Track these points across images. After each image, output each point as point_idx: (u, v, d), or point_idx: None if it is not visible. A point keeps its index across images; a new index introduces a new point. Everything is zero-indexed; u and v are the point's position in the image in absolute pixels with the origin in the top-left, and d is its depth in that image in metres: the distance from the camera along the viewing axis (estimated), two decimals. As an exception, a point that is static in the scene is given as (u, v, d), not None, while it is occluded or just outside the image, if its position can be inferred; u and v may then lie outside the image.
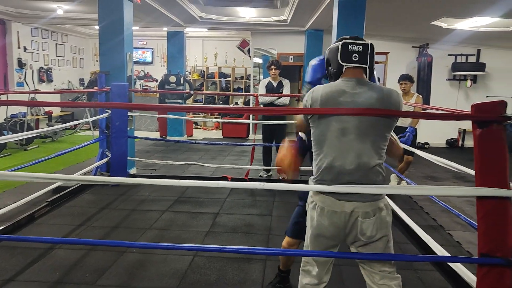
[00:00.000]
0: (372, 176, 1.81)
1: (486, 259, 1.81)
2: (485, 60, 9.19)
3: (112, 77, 5.41)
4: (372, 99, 1.79)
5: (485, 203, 1.81)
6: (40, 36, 10.40)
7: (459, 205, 4.81)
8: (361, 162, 1.78)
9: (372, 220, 1.81)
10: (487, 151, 1.79)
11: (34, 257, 3.14)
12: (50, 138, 8.70)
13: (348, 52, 1.85)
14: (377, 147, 1.81)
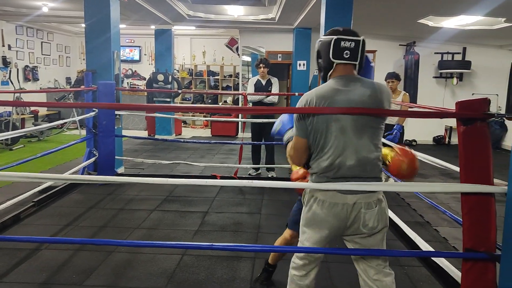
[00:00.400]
0: (371, 168, 1.85)
1: (470, 253, 1.84)
2: (470, 58, 9.32)
3: (99, 75, 5.36)
4: (365, 96, 1.81)
5: (469, 199, 1.84)
6: (25, 34, 10.25)
7: (446, 202, 4.88)
8: (360, 157, 1.81)
9: (374, 210, 1.85)
10: (471, 148, 1.82)
11: (20, 258, 3.10)
12: (36, 137, 8.59)
13: (340, 49, 1.84)
14: (374, 140, 1.85)
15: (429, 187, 2.35)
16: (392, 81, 5.34)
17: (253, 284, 2.79)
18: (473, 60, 9.27)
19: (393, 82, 5.34)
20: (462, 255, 1.89)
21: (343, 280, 2.93)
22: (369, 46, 8.70)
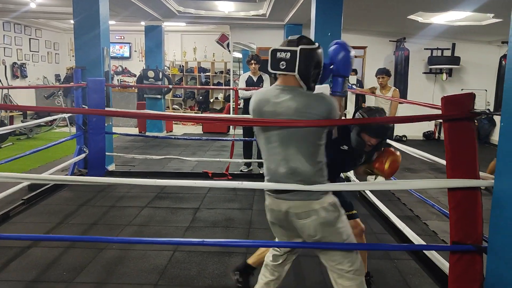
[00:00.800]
0: (305, 180, 1.81)
1: (458, 246, 1.87)
2: (460, 54, 9.40)
3: (88, 72, 5.31)
4: (290, 109, 1.77)
5: (456, 193, 1.87)
6: (12, 30, 10.12)
7: (435, 196, 4.93)
8: (291, 166, 1.81)
9: (306, 221, 1.82)
10: (457, 144, 1.84)
11: (10, 257, 3.08)
12: (25, 135, 8.49)
13: (276, 60, 1.82)
14: (305, 152, 1.79)
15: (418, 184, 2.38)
16: (382, 77, 5.37)
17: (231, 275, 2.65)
18: (462, 56, 9.36)
19: (383, 78, 5.37)
20: (450, 247, 1.92)
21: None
22: (360, 42, 8.76)
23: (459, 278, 1.87)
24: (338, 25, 5.47)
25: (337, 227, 1.85)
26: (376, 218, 4.12)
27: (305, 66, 1.77)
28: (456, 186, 1.84)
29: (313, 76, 1.82)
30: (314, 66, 1.81)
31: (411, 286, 2.81)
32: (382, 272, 2.99)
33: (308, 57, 1.78)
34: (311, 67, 1.80)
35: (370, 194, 4.38)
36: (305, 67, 1.77)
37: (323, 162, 1.86)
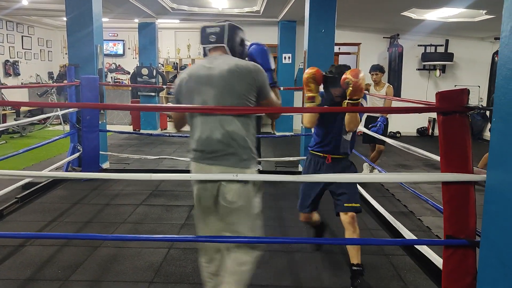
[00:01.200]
0: (237, 143, 1.92)
1: (451, 240, 1.88)
2: (453, 50, 9.46)
3: (82, 70, 5.28)
4: (223, 70, 1.91)
5: (449, 188, 1.88)
6: (4, 28, 10.02)
7: (429, 192, 4.97)
8: (227, 130, 1.90)
9: (234, 186, 1.91)
10: (451, 138, 1.85)
11: (4, 255, 3.06)
12: (18, 133, 8.44)
13: (206, 35, 2.02)
14: (240, 116, 1.92)
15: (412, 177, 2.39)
16: (376, 74, 5.39)
17: None
18: (455, 52, 9.41)
19: (377, 75, 5.38)
20: (443, 242, 1.93)
21: (328, 269, 2.97)
22: (354, 38, 8.78)
23: (452, 272, 1.89)
24: (331, 22, 5.48)
25: (255, 200, 2.00)
26: (371, 214, 4.15)
27: (232, 39, 2.00)
28: (450, 180, 1.86)
29: (239, 51, 2.04)
30: (239, 42, 2.05)
31: (405, 281, 2.83)
32: (376, 268, 3.02)
33: (234, 31, 2.02)
34: (236, 40, 2.03)
35: (363, 190, 4.39)
36: (232, 39, 2.00)
37: (254, 129, 2.01)
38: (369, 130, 4.62)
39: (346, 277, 2.86)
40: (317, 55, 5.51)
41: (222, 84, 1.91)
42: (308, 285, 2.76)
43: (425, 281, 2.83)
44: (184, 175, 2.05)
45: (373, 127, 5.00)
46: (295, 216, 4.11)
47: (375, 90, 5.40)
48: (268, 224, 3.90)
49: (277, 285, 2.75)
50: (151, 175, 2.07)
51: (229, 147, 1.91)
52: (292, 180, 2.05)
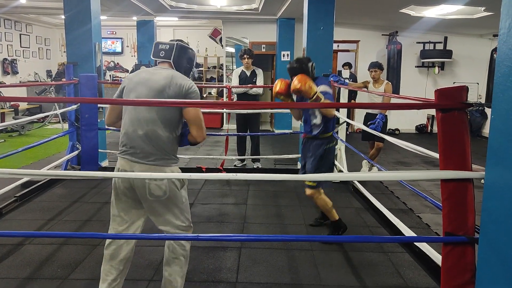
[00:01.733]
0: (160, 143, 2.13)
1: (450, 237, 1.88)
2: (452, 47, 9.45)
3: (80, 68, 5.27)
4: (161, 75, 2.18)
5: (448, 185, 1.88)
6: (2, 26, 10.00)
7: (428, 189, 4.98)
8: (150, 129, 2.11)
9: (158, 182, 2.12)
10: (450, 135, 1.85)
11: (3, 254, 3.06)
12: (17, 132, 8.42)
13: (158, 50, 2.30)
14: (164, 118, 2.13)
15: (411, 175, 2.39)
16: (375, 71, 5.38)
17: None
18: (454, 49, 9.41)
19: (376, 72, 5.38)
20: (442, 239, 1.93)
21: (327, 266, 2.98)
22: (353, 36, 8.77)
23: (452, 269, 1.89)
24: (330, 19, 5.48)
25: (181, 194, 2.24)
26: (370, 211, 4.15)
27: (179, 57, 2.29)
28: (449, 177, 1.86)
29: (184, 68, 2.32)
30: (187, 61, 2.33)
31: (404, 278, 2.84)
32: (375, 265, 3.02)
33: (182, 51, 2.30)
34: (183, 59, 2.31)
35: (362, 187, 4.40)
36: (178, 58, 2.28)
37: (176, 133, 2.21)
38: (367, 127, 4.62)
39: (345, 275, 2.87)
40: (316, 52, 5.50)
41: (155, 87, 2.14)
42: (307, 282, 2.77)
43: (425, 278, 2.84)
44: (184, 174, 2.05)
45: (371, 124, 5.00)
46: (294, 213, 4.12)
47: (374, 88, 5.40)
48: (267, 222, 3.91)
49: (276, 282, 2.76)
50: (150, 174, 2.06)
51: (149, 146, 2.12)
52: (290, 179, 2.04)
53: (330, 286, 2.72)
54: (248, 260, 3.05)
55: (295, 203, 4.45)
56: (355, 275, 2.86)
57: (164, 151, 2.15)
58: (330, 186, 5.02)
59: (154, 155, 2.13)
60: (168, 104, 2.15)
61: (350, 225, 3.83)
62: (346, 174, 4.37)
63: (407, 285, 2.76)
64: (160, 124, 2.12)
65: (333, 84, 5.29)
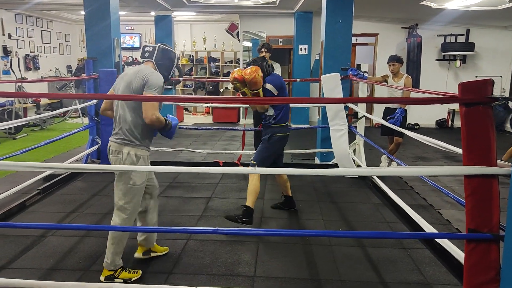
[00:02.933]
0: (131, 128, 2.60)
1: (474, 234, 1.84)
2: (474, 40, 9.22)
3: (99, 63, 5.34)
4: (131, 74, 2.64)
5: (472, 181, 1.84)
6: (24, 22, 10.19)
7: (449, 184, 4.89)
8: (124, 117, 2.60)
9: (114, 156, 2.64)
10: (474, 130, 1.81)
11: (27, 245, 3.14)
12: (39, 126, 8.61)
13: (144, 51, 2.76)
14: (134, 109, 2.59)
15: (433, 170, 2.33)
16: (393, 64, 5.29)
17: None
18: (477, 42, 9.17)
19: (395, 65, 5.29)
20: (466, 236, 1.89)
21: (346, 262, 2.96)
22: (371, 29, 8.63)
23: (475, 266, 1.86)
24: (349, 12, 5.40)
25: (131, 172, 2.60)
26: (389, 207, 4.11)
27: (160, 58, 2.72)
28: (473, 173, 1.81)
29: (165, 66, 2.75)
30: (167, 61, 2.76)
31: (425, 275, 2.80)
32: (395, 261, 2.99)
33: (163, 52, 2.74)
34: (164, 59, 2.74)
35: (380, 182, 4.35)
36: (160, 58, 2.72)
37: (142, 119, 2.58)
38: (387, 121, 4.55)
39: (365, 270, 2.84)
40: (334, 46, 5.45)
41: (126, 80, 2.63)
42: (325, 277, 2.76)
43: (446, 275, 2.79)
44: (203, 168, 2.06)
45: (390, 119, 4.93)
46: (311, 208, 4.11)
47: (393, 81, 5.31)
48: (284, 217, 3.90)
49: (294, 277, 2.76)
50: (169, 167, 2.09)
51: (125, 130, 2.60)
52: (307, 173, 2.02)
53: (349, 282, 2.70)
54: (265, 255, 3.05)
55: (312, 198, 4.43)
56: (374, 271, 2.84)
57: (134, 134, 2.61)
58: (349, 182, 4.98)
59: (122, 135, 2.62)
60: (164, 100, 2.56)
61: (369, 221, 3.80)
62: (365, 169, 4.33)
63: (428, 282, 2.72)
64: (132, 113, 2.60)
65: (352, 78, 5.24)
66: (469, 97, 1.77)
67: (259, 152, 3.64)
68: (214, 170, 2.10)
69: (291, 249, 3.15)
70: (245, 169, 2.05)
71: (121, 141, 2.60)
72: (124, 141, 2.60)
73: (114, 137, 2.64)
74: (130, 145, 2.61)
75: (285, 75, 10.43)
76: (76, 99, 9.09)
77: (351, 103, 5.28)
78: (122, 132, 2.60)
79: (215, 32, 11.83)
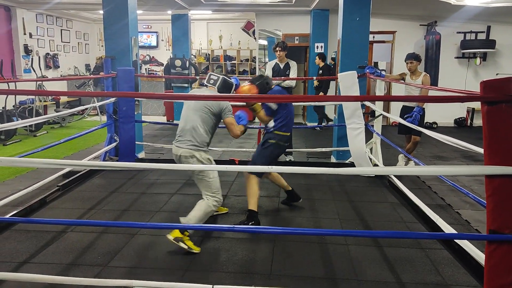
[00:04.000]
0: (196, 136, 3.20)
1: (495, 236, 1.81)
2: (495, 37, 9.02)
3: (117, 61, 5.40)
4: (205, 94, 3.35)
5: (493, 181, 1.81)
6: (45, 22, 10.38)
7: (468, 184, 4.80)
8: (191, 126, 3.21)
9: (188, 160, 3.16)
10: (496, 129, 1.77)
11: (48, 240, 3.21)
12: (58, 124, 8.77)
13: (209, 78, 3.43)
14: (202, 121, 3.24)
15: (453, 170, 2.29)
16: (411, 62, 5.21)
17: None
18: (498, 39, 8.97)
19: (412, 63, 5.21)
20: (486, 237, 1.86)
21: (363, 261, 2.94)
22: (389, 26, 8.52)
23: (496, 268, 1.82)
24: (366, 10, 5.35)
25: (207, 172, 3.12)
26: (406, 207, 4.06)
27: (221, 87, 3.38)
28: (494, 173, 1.78)
29: (222, 91, 3.38)
30: (227, 90, 3.40)
31: (443, 276, 2.76)
32: (412, 261, 2.95)
33: (223, 83, 3.39)
34: (223, 88, 3.39)
35: (398, 181, 4.30)
36: (221, 87, 3.38)
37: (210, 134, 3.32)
38: (404, 120, 4.50)
39: (381, 270, 2.82)
40: (351, 44, 5.40)
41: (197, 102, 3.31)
42: (342, 277, 2.75)
43: (465, 276, 2.75)
44: (219, 166, 2.07)
45: (408, 117, 4.87)
46: (327, 207, 4.09)
47: (411, 79, 5.23)
48: (300, 215, 3.90)
49: (310, 276, 2.75)
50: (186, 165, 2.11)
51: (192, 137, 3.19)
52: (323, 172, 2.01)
53: (365, 281, 2.68)
54: (281, 253, 3.05)
55: (328, 197, 4.41)
56: (391, 271, 2.81)
57: (199, 140, 3.20)
58: (365, 181, 4.95)
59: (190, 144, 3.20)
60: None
61: (386, 220, 3.76)
62: (382, 168, 4.29)
63: (446, 283, 2.68)
64: (201, 123, 3.23)
65: (369, 76, 5.19)
66: (491, 95, 1.74)
67: (253, 157, 3.79)
68: (230, 168, 2.11)
69: (307, 248, 3.14)
70: (260, 167, 2.05)
71: (193, 147, 3.18)
72: (196, 147, 3.18)
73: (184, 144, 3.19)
74: (201, 150, 3.20)
75: (301, 73, 10.39)
76: (94, 97, 9.23)
77: (368, 102, 5.23)
78: (194, 139, 3.19)
79: (231, 30, 11.85)
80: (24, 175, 5.04)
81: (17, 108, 7.82)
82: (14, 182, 4.75)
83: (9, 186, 4.60)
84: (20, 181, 4.75)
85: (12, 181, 4.81)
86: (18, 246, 3.12)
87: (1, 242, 3.18)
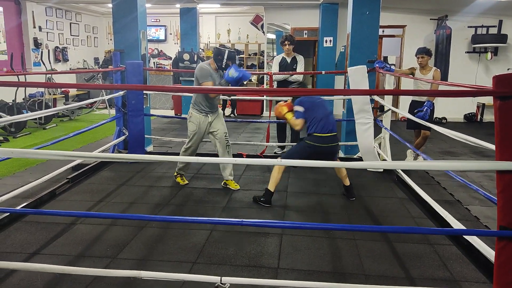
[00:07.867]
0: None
1: (505, 232, 1.79)
2: (507, 31, 8.89)
3: (126, 55, 5.42)
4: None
5: (505, 177, 1.79)
6: (54, 15, 10.43)
7: (477, 180, 4.76)
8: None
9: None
10: (508, 124, 1.75)
11: (57, 232, 3.24)
12: (67, 117, 8.84)
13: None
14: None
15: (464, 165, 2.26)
16: (422, 57, 5.16)
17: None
18: (510, 34, 8.84)
19: (423, 58, 5.16)
20: (497, 233, 1.85)
21: (370, 256, 2.93)
22: (399, 20, 8.45)
23: (506, 264, 1.81)
24: (376, 3, 5.30)
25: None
26: (414, 202, 4.04)
27: (215, 55, 4.03)
28: (506, 169, 1.76)
29: (218, 62, 4.04)
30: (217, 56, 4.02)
31: (452, 271, 2.75)
32: (420, 257, 2.94)
33: (216, 51, 4.02)
34: (216, 56, 4.03)
35: (406, 177, 4.27)
36: (215, 55, 4.04)
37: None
38: (414, 115, 4.46)
39: (389, 265, 2.82)
40: (360, 38, 5.36)
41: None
42: (350, 271, 2.75)
43: (473, 272, 2.73)
44: (227, 159, 2.07)
45: (419, 111, 4.83)
46: (335, 202, 4.08)
47: (421, 74, 5.18)
48: (308, 210, 3.90)
49: (318, 270, 2.75)
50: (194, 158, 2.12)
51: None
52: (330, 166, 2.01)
53: (373, 276, 2.68)
54: (289, 247, 3.06)
55: (336, 191, 4.40)
56: (399, 266, 2.80)
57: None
58: (373, 176, 4.93)
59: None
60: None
61: (394, 216, 3.75)
62: (390, 163, 4.27)
63: (455, 278, 2.67)
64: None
65: (379, 71, 5.15)
66: (504, 90, 1.71)
67: (289, 150, 4.37)
68: (239, 161, 2.12)
69: (314, 242, 3.14)
70: (269, 160, 2.06)
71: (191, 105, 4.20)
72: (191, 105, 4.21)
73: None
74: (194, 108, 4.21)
75: (309, 67, 10.34)
76: (103, 90, 9.27)
77: (377, 96, 5.20)
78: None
79: (240, 24, 11.81)
80: (34, 167, 5.09)
81: (27, 101, 7.89)
82: (25, 174, 4.81)
83: (20, 178, 4.66)
84: (30, 173, 4.80)
85: (22, 173, 4.87)
86: (29, 237, 3.16)
87: (12, 233, 3.23)
